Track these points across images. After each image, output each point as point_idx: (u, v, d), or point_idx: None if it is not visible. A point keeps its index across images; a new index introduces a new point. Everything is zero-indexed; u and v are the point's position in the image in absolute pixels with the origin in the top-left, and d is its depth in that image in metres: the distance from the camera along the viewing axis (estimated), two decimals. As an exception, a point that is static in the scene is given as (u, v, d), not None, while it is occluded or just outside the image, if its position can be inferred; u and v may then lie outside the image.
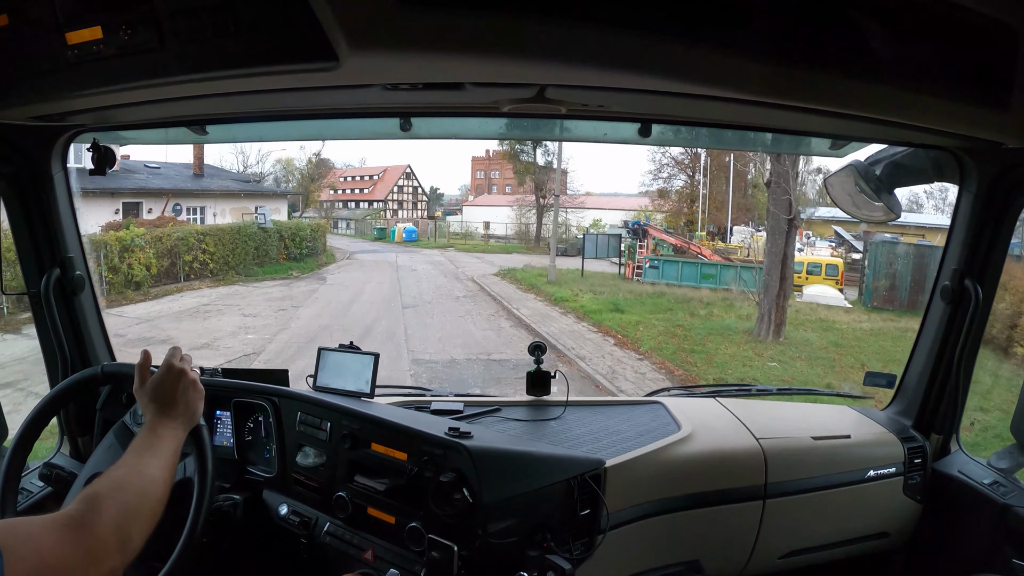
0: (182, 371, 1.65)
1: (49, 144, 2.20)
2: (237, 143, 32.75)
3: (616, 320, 16.49)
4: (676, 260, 23.84)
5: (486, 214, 43.06)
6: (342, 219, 45.03)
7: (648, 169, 38.52)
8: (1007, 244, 2.39)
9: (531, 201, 37.52)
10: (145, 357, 1.70)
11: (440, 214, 47.48)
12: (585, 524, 2.07)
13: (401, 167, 49.17)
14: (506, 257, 31.10)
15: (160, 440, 1.50)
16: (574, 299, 19.00)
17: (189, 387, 1.65)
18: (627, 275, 24.30)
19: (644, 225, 27.36)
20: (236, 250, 22.97)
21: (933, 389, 2.62)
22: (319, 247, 28.10)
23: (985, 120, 1.61)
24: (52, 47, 1.38)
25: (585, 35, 1.20)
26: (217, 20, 1.25)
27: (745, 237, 29.99)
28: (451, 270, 27.06)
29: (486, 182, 50.90)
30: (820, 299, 19.33)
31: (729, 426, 2.57)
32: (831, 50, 1.34)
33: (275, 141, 27.00)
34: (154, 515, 1.37)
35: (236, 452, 2.37)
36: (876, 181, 2.31)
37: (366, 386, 2.34)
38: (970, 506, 2.48)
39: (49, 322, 2.35)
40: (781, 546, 2.53)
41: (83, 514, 1.20)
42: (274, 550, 2.28)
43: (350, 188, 49.52)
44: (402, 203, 49.22)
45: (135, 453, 1.45)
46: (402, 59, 1.29)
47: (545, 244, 33.55)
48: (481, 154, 50.22)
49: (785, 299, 14.83)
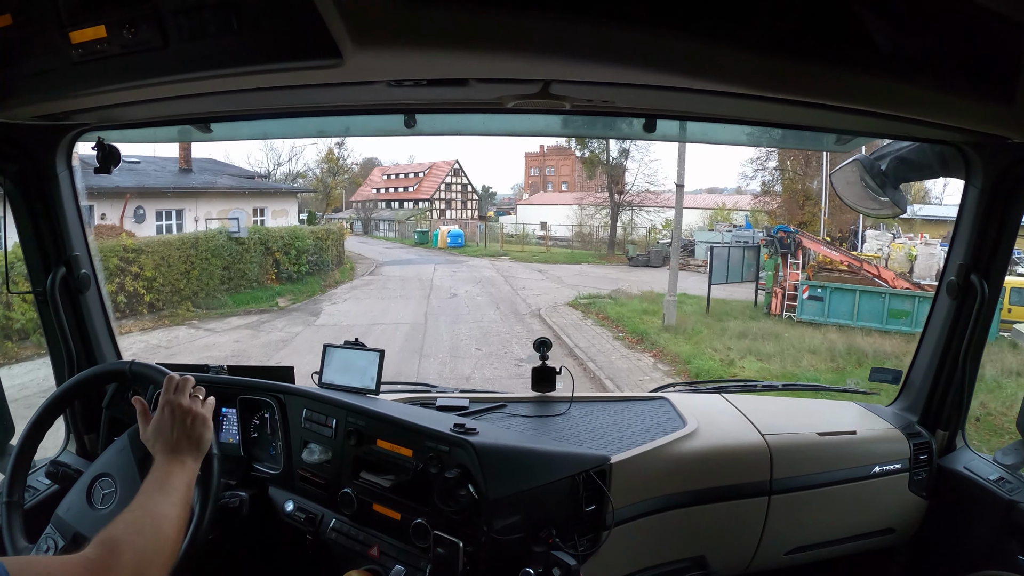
0: (180, 408, 1.65)
1: (54, 143, 2.21)
2: (242, 140, 29.59)
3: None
4: (849, 288, 16.01)
5: (542, 214, 39.50)
6: (383, 220, 42.05)
7: (750, 157, 30.51)
8: (1013, 239, 2.38)
9: (601, 199, 33.51)
10: (141, 407, 1.70)
11: (492, 214, 44.22)
12: (590, 520, 2.07)
13: (448, 163, 45.92)
14: (575, 270, 26.03)
15: (171, 477, 1.52)
16: (726, 370, 12.02)
17: (192, 422, 1.65)
18: (773, 309, 16.91)
19: (794, 233, 17.78)
20: (193, 273, 17.07)
21: (939, 385, 2.61)
22: (330, 260, 23.02)
23: (991, 115, 1.61)
24: (56, 46, 1.39)
25: (589, 30, 1.20)
26: (220, 18, 1.26)
27: (883, 245, 23.35)
28: (506, 295, 20.35)
29: (541, 179, 48.14)
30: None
31: (734, 422, 2.57)
32: (836, 45, 1.34)
33: (280, 138, 22.59)
34: (172, 555, 1.39)
35: (242, 449, 2.38)
36: (882, 176, 2.30)
37: (372, 383, 2.34)
38: (976, 502, 2.48)
39: (55, 320, 2.36)
40: (786, 542, 2.53)
41: (101, 558, 1.22)
42: (280, 546, 2.29)
43: (392, 187, 46.44)
44: (450, 202, 45.81)
45: (148, 494, 1.46)
46: (406, 56, 1.28)
47: (621, 251, 30.93)
48: (535, 150, 47.43)
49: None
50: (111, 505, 1.83)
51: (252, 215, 22.83)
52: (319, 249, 22.42)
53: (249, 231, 20.05)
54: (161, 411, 1.65)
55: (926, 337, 2.64)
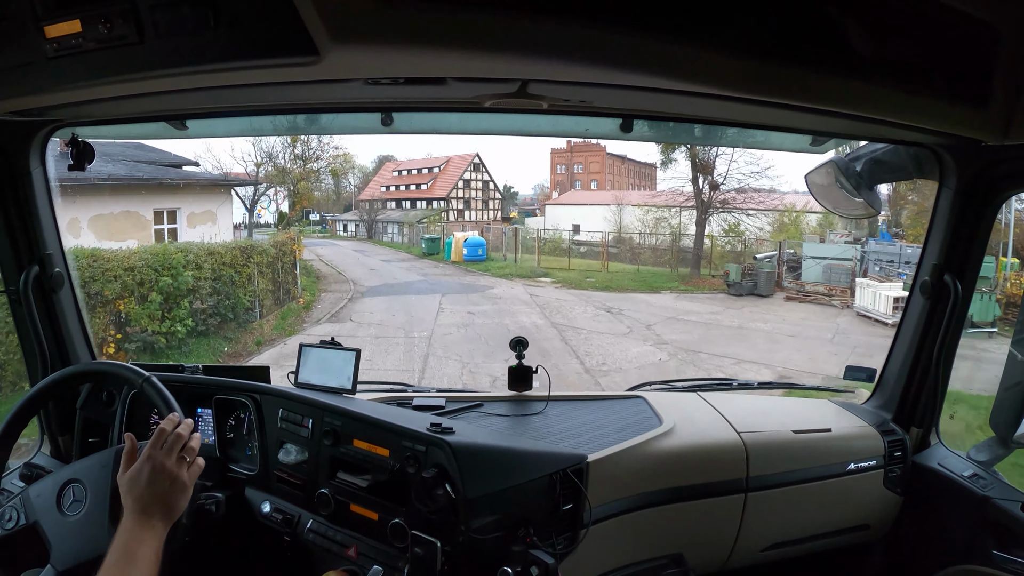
0: (163, 469, 1.55)
1: (27, 139, 2.17)
2: (218, 137, 26.60)
3: None
4: None
5: (574, 215, 32.78)
6: (392, 222, 35.87)
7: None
8: (986, 240, 2.42)
9: (682, 197, 24.25)
10: (131, 443, 1.63)
11: (516, 214, 39.51)
12: (568, 519, 2.07)
13: (467, 156, 39.44)
14: (659, 304, 18.17)
15: (139, 547, 1.46)
16: None
17: (171, 486, 1.55)
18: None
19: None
20: None
21: (913, 383, 2.65)
22: (263, 294, 14.97)
23: (965, 117, 1.63)
24: (30, 41, 1.37)
25: (566, 31, 1.20)
26: (197, 14, 1.25)
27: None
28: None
29: (568, 177, 43.67)
30: None
31: (710, 420, 2.58)
32: (811, 47, 1.35)
33: (255, 136, 19.44)
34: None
35: (218, 450, 2.36)
36: (857, 177, 2.33)
37: (348, 382, 2.33)
38: (950, 498, 2.51)
39: (28, 320, 2.32)
40: (763, 539, 2.56)
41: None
42: (257, 548, 2.27)
43: (403, 184, 40.63)
44: (469, 201, 39.51)
45: (116, 566, 1.42)
46: (383, 54, 1.28)
47: (711, 268, 22.43)
48: (561, 145, 42.10)
49: None
50: (77, 514, 1.78)
51: (155, 221, 14.98)
52: (230, 282, 13.83)
53: (75, 255, 11.09)
54: (142, 464, 1.55)
55: (900, 336, 2.67)
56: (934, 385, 2.58)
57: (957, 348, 2.58)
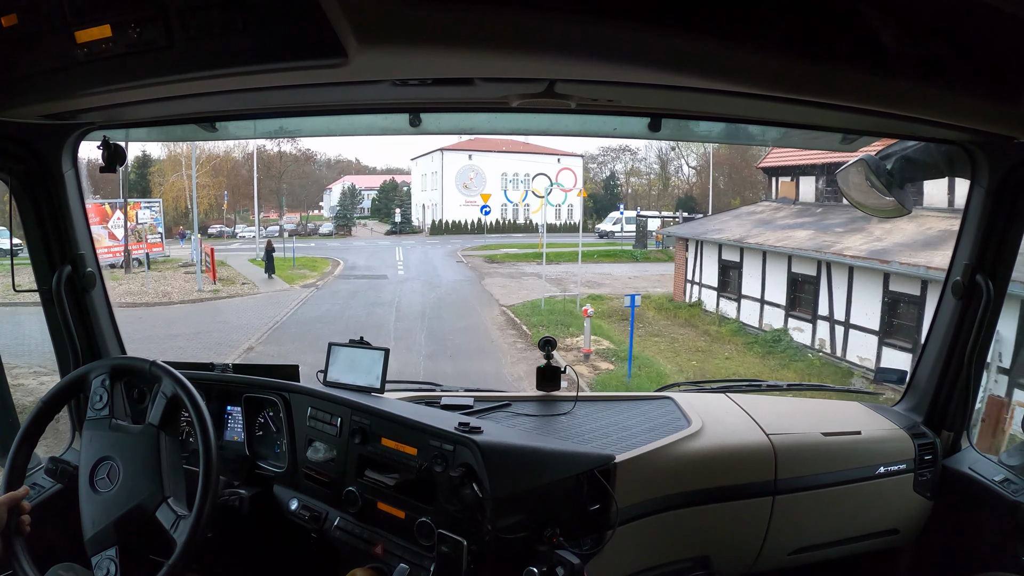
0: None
1: (60, 142, 2.21)
2: (247, 139, 25.74)
3: None
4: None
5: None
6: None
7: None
8: (1019, 238, 2.37)
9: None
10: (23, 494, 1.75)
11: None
12: (595, 519, 2.07)
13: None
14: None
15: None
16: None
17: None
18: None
19: None
20: None
21: (944, 385, 2.61)
22: None
23: (997, 114, 1.60)
24: (61, 46, 1.39)
25: (594, 29, 1.20)
26: (225, 17, 1.25)
27: None
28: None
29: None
30: None
31: (739, 422, 2.56)
32: (841, 44, 1.33)
33: (284, 137, 22.57)
34: None
35: (247, 447, 2.39)
36: (887, 176, 2.29)
37: (376, 381, 2.34)
38: (980, 503, 2.47)
39: (60, 319, 2.36)
40: (791, 542, 2.53)
41: None
42: (284, 545, 2.30)
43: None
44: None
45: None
46: (411, 55, 1.29)
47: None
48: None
49: None
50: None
51: None
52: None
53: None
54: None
55: (931, 337, 2.63)
56: (965, 388, 2.54)
57: (989, 350, 2.53)
